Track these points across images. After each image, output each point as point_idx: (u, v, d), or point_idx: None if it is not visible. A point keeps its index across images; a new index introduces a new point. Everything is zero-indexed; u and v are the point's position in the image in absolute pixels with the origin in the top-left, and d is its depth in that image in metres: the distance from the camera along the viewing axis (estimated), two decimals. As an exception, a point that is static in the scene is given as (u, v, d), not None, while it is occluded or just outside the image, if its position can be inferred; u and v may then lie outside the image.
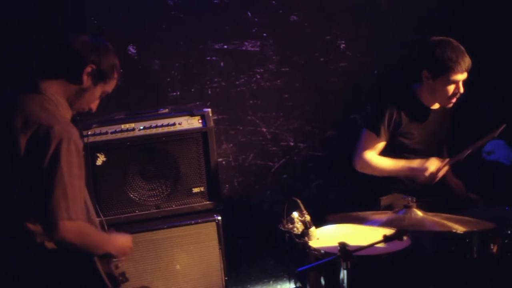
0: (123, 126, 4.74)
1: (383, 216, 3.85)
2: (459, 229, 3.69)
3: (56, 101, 3.49)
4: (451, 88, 4.69)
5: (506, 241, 4.07)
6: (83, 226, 3.40)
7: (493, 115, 5.64)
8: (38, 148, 3.31)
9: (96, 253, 3.48)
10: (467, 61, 4.64)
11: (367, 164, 4.83)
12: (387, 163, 4.82)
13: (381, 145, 4.84)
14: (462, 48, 4.68)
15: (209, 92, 5.34)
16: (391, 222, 3.78)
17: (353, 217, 3.98)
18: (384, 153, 4.86)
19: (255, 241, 5.49)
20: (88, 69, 3.54)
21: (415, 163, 4.76)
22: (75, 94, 3.55)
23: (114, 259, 3.61)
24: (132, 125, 4.75)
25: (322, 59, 5.52)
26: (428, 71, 4.69)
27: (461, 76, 4.66)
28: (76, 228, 3.32)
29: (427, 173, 4.69)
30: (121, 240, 3.69)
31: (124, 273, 3.67)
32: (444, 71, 4.64)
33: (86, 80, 3.56)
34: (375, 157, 4.83)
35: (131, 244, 3.75)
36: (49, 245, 3.38)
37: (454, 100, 4.75)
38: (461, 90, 4.71)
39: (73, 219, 3.29)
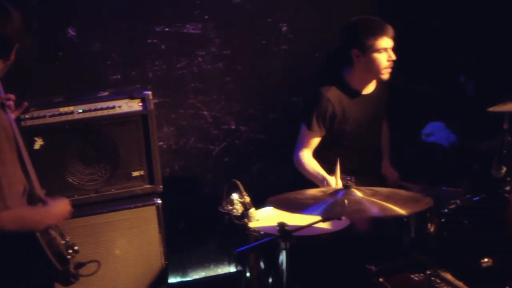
0: (61, 109, 4.64)
1: (322, 196, 3.83)
2: (401, 212, 3.65)
3: None
4: (383, 56, 4.73)
5: (442, 220, 4.12)
6: (20, 211, 3.34)
7: (432, 97, 5.70)
8: None
9: (36, 230, 3.42)
10: (389, 27, 4.72)
11: (300, 164, 4.83)
12: (310, 167, 4.79)
13: (316, 140, 4.84)
14: (380, 19, 4.76)
15: (150, 75, 5.28)
16: (332, 209, 3.73)
17: (292, 201, 3.94)
18: (324, 142, 4.87)
19: (196, 225, 5.46)
20: (16, 47, 3.47)
21: (323, 175, 4.69)
22: (1, 70, 3.49)
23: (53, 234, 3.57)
24: (71, 108, 4.65)
25: (264, 41, 5.51)
26: (357, 49, 4.73)
27: (387, 42, 4.72)
28: (13, 216, 3.27)
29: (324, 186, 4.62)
30: (58, 207, 3.60)
31: (73, 246, 3.64)
32: (371, 42, 4.69)
33: (13, 56, 3.50)
34: (307, 159, 4.82)
35: (69, 206, 3.67)
36: None
37: (389, 69, 4.79)
38: (393, 56, 4.76)
39: (10, 207, 3.24)
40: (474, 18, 5.73)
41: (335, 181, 4.52)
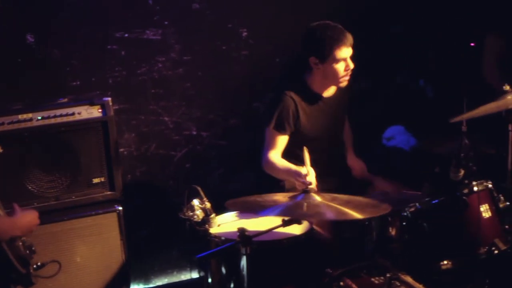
0: (20, 117, 4.61)
1: (282, 200, 3.85)
2: (357, 216, 3.72)
3: None
4: (341, 66, 4.74)
5: (404, 223, 4.14)
6: None
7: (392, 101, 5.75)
8: None
9: (1, 239, 3.41)
10: (348, 36, 4.72)
11: (269, 165, 4.78)
12: (280, 165, 4.75)
13: (284, 140, 4.82)
14: (340, 26, 4.75)
15: (110, 81, 5.24)
16: (290, 211, 3.79)
17: (251, 203, 3.96)
18: (287, 145, 4.87)
19: (158, 231, 5.42)
20: None
21: (295, 169, 4.63)
22: None
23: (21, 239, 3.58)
24: (30, 115, 4.63)
25: (224, 47, 5.50)
26: (315, 57, 4.75)
27: (346, 52, 4.72)
28: None
29: (301, 178, 4.54)
30: (26, 219, 3.67)
31: (31, 246, 3.66)
32: (330, 52, 4.69)
33: None
34: (277, 159, 4.79)
35: (37, 219, 3.73)
36: None
37: (347, 77, 4.81)
38: (351, 65, 4.77)
39: None
40: (433, 24, 5.80)
41: (307, 170, 4.48)
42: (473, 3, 5.48)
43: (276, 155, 4.80)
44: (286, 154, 4.87)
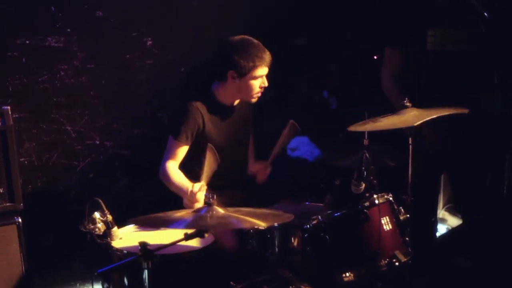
0: None
1: (185, 215, 3.82)
2: (261, 224, 3.75)
3: None
4: (257, 83, 4.81)
5: (306, 235, 4.18)
6: None
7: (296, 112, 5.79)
8: None
9: None
10: (268, 56, 4.80)
11: (165, 175, 4.78)
12: (174, 179, 4.75)
13: (183, 150, 4.83)
14: (261, 45, 4.81)
15: (10, 89, 5.10)
16: (195, 223, 3.77)
17: (155, 219, 3.92)
18: (190, 153, 4.86)
19: (61, 243, 5.30)
20: None
21: (187, 186, 4.63)
22: None
23: None
24: None
25: (128, 56, 5.44)
26: (234, 71, 4.76)
27: (265, 70, 4.81)
28: None
29: (188, 195, 4.55)
30: None
31: None
32: (250, 69, 4.75)
33: None
34: (173, 170, 4.78)
35: None
36: None
37: (260, 94, 4.88)
38: (266, 83, 4.85)
39: None
40: (336, 36, 5.89)
41: (199, 186, 4.48)
42: (375, 17, 5.58)
43: (173, 165, 4.80)
44: (192, 162, 4.88)
